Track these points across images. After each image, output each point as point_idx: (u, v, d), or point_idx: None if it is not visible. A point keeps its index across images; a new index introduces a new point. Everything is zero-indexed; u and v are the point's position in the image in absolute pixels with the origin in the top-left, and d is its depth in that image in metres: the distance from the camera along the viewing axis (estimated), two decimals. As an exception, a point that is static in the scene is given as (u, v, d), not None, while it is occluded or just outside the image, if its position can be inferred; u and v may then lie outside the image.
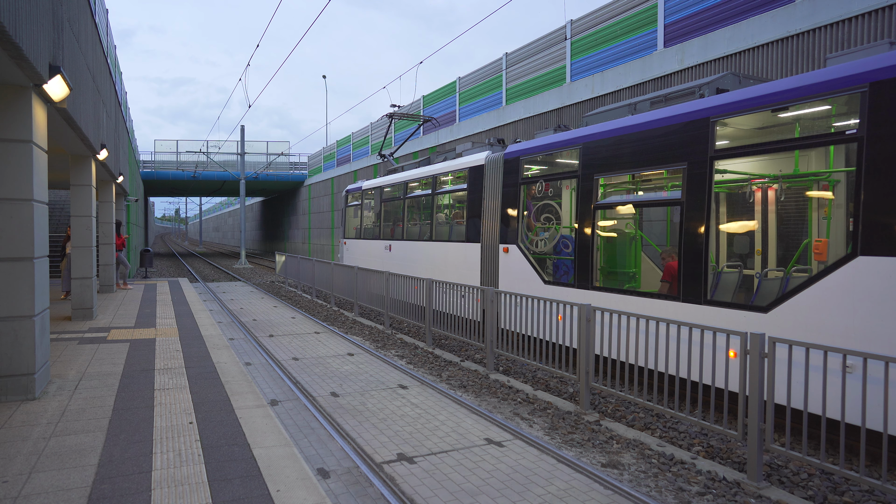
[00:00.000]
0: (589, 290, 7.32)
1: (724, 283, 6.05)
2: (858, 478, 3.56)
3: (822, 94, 4.94)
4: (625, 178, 7.45)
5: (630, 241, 7.66)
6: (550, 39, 15.33)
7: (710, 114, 5.89)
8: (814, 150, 5.61)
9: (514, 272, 8.88)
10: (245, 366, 7.24)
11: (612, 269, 7.69)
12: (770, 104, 5.36)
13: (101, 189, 13.08)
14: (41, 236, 5.23)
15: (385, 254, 13.57)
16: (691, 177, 6.04)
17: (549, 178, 8.51)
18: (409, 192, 12.60)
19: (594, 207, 7.31)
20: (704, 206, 5.87)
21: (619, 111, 7.65)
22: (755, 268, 6.14)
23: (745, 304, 5.48)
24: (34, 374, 5.01)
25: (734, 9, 10.55)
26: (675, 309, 6.11)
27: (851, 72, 4.75)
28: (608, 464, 4.45)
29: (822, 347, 3.78)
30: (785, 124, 5.75)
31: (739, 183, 6.40)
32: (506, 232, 9.15)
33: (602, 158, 7.26)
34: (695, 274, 5.92)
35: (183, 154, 38.45)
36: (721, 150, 5.84)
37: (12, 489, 3.29)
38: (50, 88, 5.05)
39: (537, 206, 8.71)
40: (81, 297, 9.31)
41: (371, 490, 3.83)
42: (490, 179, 9.63)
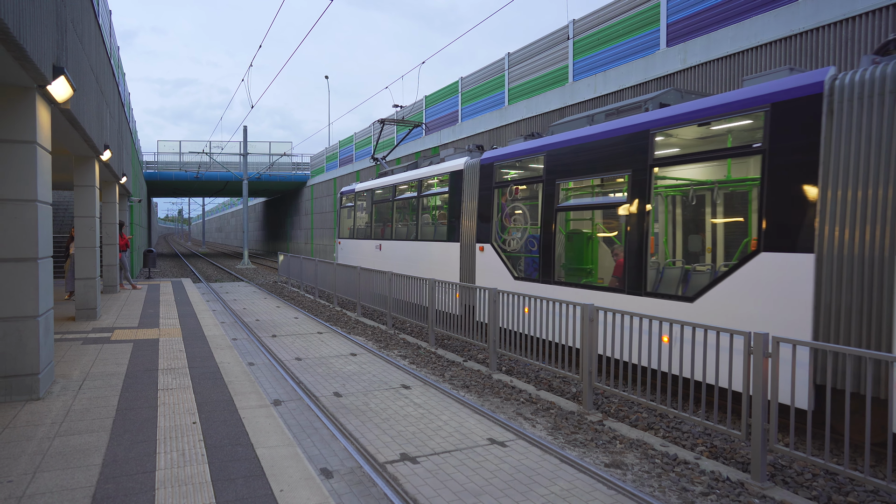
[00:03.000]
0: (552, 284, 8.10)
1: (660, 277, 6.71)
2: (863, 478, 3.55)
3: (735, 112, 5.71)
4: (582, 183, 8.15)
5: (587, 240, 8.36)
6: (553, 39, 15.32)
7: (649, 126, 6.66)
8: (730, 160, 6.30)
9: (489, 269, 9.60)
10: (248, 366, 7.26)
11: (571, 266, 8.32)
12: (696, 119, 6.13)
13: (104, 190, 13.11)
14: (45, 237, 5.25)
15: (376, 253, 14.25)
16: (634, 182, 6.81)
17: (518, 183, 9.19)
18: (397, 194, 13.31)
19: (556, 209, 8.14)
20: (645, 209, 6.65)
21: (579, 122, 8.33)
22: (685, 263, 6.80)
23: (676, 295, 6.20)
24: (38, 375, 5.02)
25: (737, 8, 10.52)
26: (622, 300, 6.82)
27: (757, 94, 5.51)
28: (611, 464, 4.44)
29: (825, 347, 3.77)
30: (707, 137, 6.39)
31: (673, 188, 7.08)
32: (481, 232, 9.87)
33: (563, 165, 8.04)
34: (637, 269, 6.68)
35: (186, 155, 38.54)
36: (658, 158, 6.61)
37: (17, 489, 3.30)
38: (53, 89, 5.06)
39: (509, 208, 9.40)
40: (85, 298, 9.34)
41: (374, 490, 3.83)
42: (468, 183, 10.34)
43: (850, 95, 4.80)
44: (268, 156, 39.59)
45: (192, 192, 51.64)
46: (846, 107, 4.83)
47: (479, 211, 9.94)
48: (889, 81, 4.57)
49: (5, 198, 4.91)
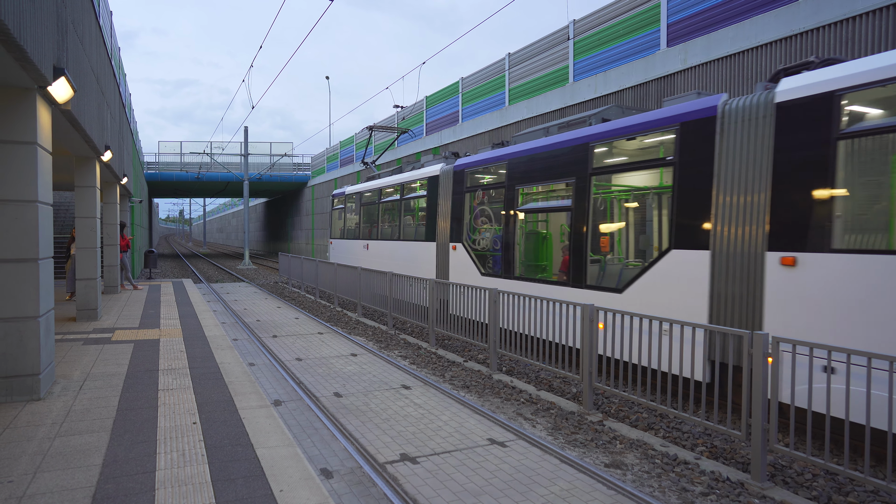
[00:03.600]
0: (512, 279, 8.97)
1: (597, 272, 7.63)
2: (863, 478, 3.55)
3: (653, 129, 6.66)
4: (537, 188, 8.96)
5: (542, 239, 9.24)
6: (553, 39, 15.32)
7: (588, 140, 7.60)
8: (651, 170, 7.26)
9: (460, 266, 10.52)
10: (248, 366, 7.26)
11: (529, 263, 9.18)
12: (625, 135, 7.06)
13: (105, 190, 13.12)
14: (46, 237, 5.26)
15: (363, 252, 15.18)
16: (577, 189, 7.70)
17: (485, 188, 10.16)
18: (382, 197, 14.23)
19: (515, 211, 9.05)
20: (585, 212, 7.55)
21: (537, 133, 9.22)
22: (616, 260, 7.70)
23: (609, 287, 7.18)
24: (39, 375, 5.03)
25: (737, 8, 10.52)
26: (568, 292, 7.71)
27: (670, 114, 6.45)
28: (611, 464, 4.44)
29: (826, 347, 3.77)
30: (634, 150, 7.28)
31: (607, 194, 7.98)
32: (454, 232, 10.76)
33: (521, 172, 8.94)
34: (579, 265, 7.61)
35: (187, 155, 38.57)
36: (596, 168, 7.55)
37: (17, 489, 3.31)
38: (54, 90, 5.07)
39: (477, 210, 10.30)
40: (86, 298, 9.35)
41: (374, 490, 3.83)
42: (443, 188, 11.22)
43: (735, 118, 5.79)
44: (268, 156, 39.61)
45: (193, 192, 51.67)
46: (731, 128, 5.81)
47: (453, 213, 10.82)
48: (760, 108, 5.57)
49: (6, 198, 4.92)
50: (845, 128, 4.93)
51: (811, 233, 5.05)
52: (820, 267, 4.93)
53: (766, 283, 5.33)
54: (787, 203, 5.28)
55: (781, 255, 5.23)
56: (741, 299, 5.58)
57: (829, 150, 4.99)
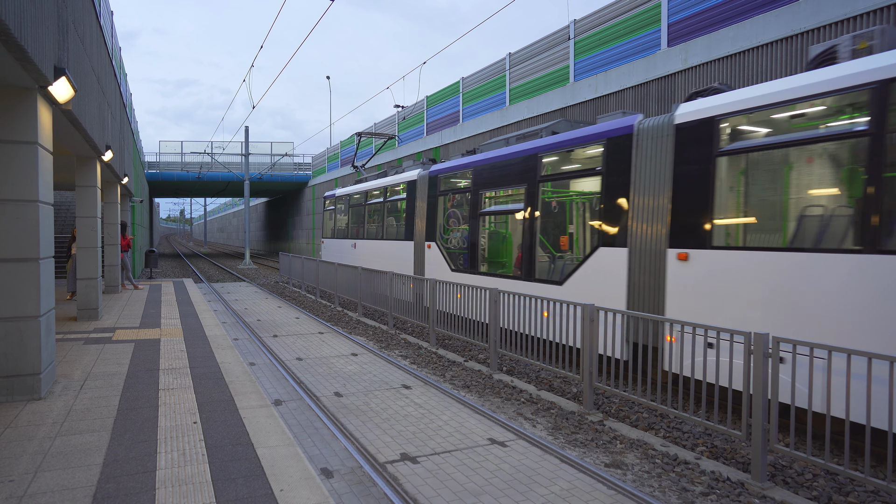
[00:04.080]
0: (476, 275, 9.99)
1: (543, 267, 8.58)
2: (863, 478, 3.55)
3: (586, 143, 7.74)
4: (497, 193, 9.94)
5: (501, 238, 10.14)
6: (554, 39, 15.31)
7: (537, 151, 8.66)
8: (584, 178, 8.24)
9: (434, 263, 11.52)
10: (249, 366, 7.27)
11: (490, 260, 10.13)
12: (565, 147, 8.17)
13: (106, 190, 13.13)
14: (46, 237, 5.26)
15: (352, 250, 16.33)
16: (528, 194, 8.74)
17: (454, 192, 11.15)
18: (368, 199, 15.31)
19: (479, 214, 10.10)
20: (535, 215, 8.58)
21: (500, 143, 10.26)
22: (558, 256, 8.60)
23: (552, 280, 8.15)
24: (40, 374, 5.04)
25: (738, 7, 10.51)
26: (521, 285, 8.70)
27: (599, 131, 7.51)
28: (612, 464, 4.44)
29: (826, 347, 3.77)
30: (572, 161, 8.36)
31: (552, 199, 8.83)
32: (429, 232, 11.77)
33: (484, 178, 9.98)
34: (529, 261, 8.63)
35: (187, 155, 38.58)
36: (543, 176, 8.60)
37: (18, 488, 3.32)
38: (55, 90, 5.07)
39: (448, 212, 11.38)
40: (87, 298, 9.36)
41: (374, 490, 3.83)
42: (420, 191, 12.25)
43: (646, 136, 6.79)
44: (269, 156, 39.62)
45: (193, 192, 51.69)
46: (644, 143, 6.80)
47: (428, 214, 11.86)
48: (664, 128, 6.50)
49: (7, 198, 4.92)
50: (722, 146, 5.97)
51: (698, 233, 6.08)
52: (704, 261, 6.00)
53: (668, 275, 6.36)
54: (681, 209, 6.31)
55: (678, 252, 6.28)
56: (650, 288, 6.65)
57: (711, 164, 6.03)
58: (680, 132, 6.36)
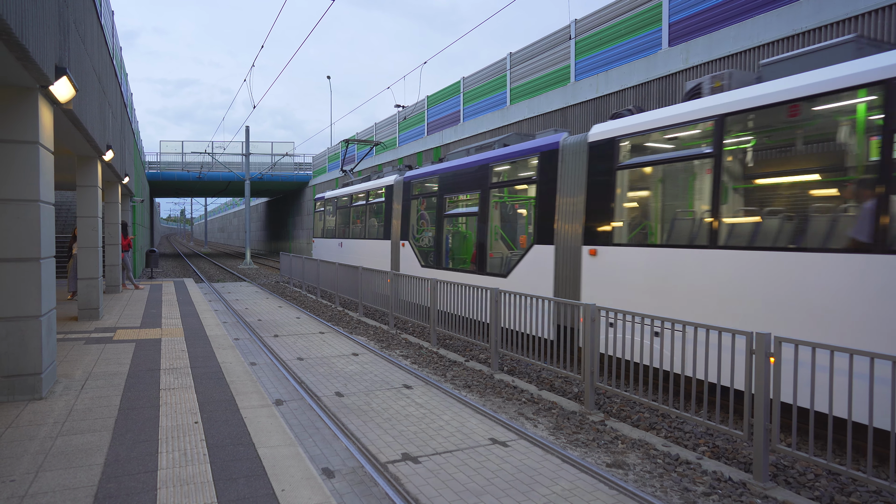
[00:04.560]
0: (441, 269, 11.29)
1: (494, 262, 9.88)
2: (866, 478, 3.54)
3: (524, 156, 9.06)
4: (458, 198, 11.13)
5: (462, 238, 11.31)
6: (555, 39, 15.30)
7: (488, 161, 9.99)
8: (524, 185, 9.40)
9: (407, 260, 12.74)
10: (250, 366, 7.26)
11: (453, 256, 11.38)
12: (507, 159, 9.50)
13: (106, 190, 13.13)
14: (48, 237, 5.26)
15: (338, 249, 17.64)
16: (481, 199, 10.04)
17: (424, 196, 12.41)
18: (352, 202, 16.67)
19: (444, 216, 11.36)
20: (487, 217, 9.91)
21: (461, 153, 11.55)
22: (504, 252, 9.94)
23: (499, 274, 9.37)
24: (41, 374, 5.04)
25: (739, 7, 10.50)
26: (475, 278, 9.93)
27: (535, 146, 8.77)
28: (613, 464, 4.43)
29: (829, 347, 3.76)
30: (514, 171, 9.63)
31: (499, 203, 10.16)
32: (403, 232, 13.06)
33: (447, 184, 11.27)
34: (483, 257, 9.94)
35: (188, 155, 38.58)
36: (493, 183, 9.93)
37: (20, 488, 3.31)
38: (56, 90, 5.07)
39: (418, 214, 12.58)
40: (88, 298, 9.36)
41: (376, 490, 3.83)
42: (396, 195, 13.58)
43: (569, 151, 8.05)
44: (270, 156, 39.62)
45: (194, 192, 51.69)
46: (567, 157, 8.05)
47: (402, 216, 13.12)
48: (581, 145, 7.84)
49: (8, 198, 4.92)
50: (620, 162, 7.19)
51: (603, 233, 7.36)
52: (608, 255, 7.27)
53: (582, 268, 7.65)
54: (591, 212, 7.56)
55: (590, 248, 7.55)
56: (571, 279, 7.91)
57: (612, 176, 7.27)
58: (591, 149, 7.64)
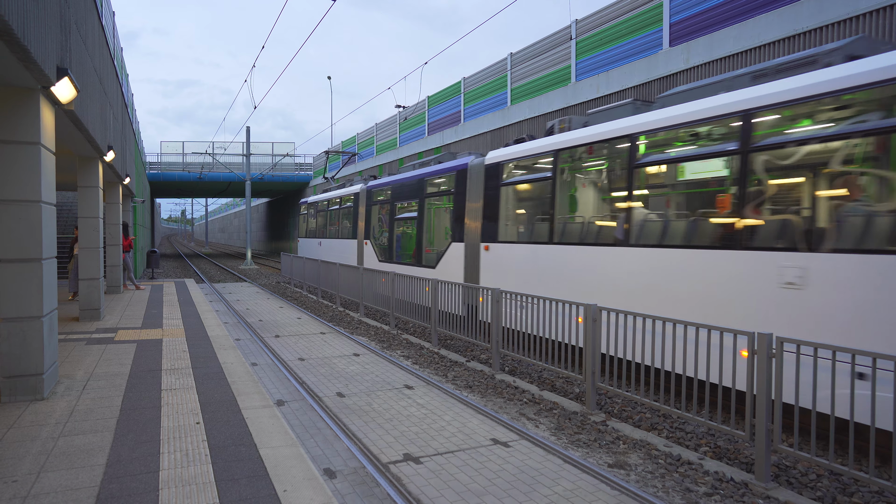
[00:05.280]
0: (393, 263, 13.63)
1: (427, 257, 12.13)
2: (868, 479, 3.54)
3: (444, 173, 11.57)
4: (405, 204, 13.42)
5: (408, 237, 13.32)
6: (555, 39, 15.30)
7: (423, 176, 12.50)
8: (446, 196, 11.68)
9: (368, 256, 15.47)
10: (251, 366, 7.26)
11: (401, 252, 13.63)
12: (434, 175, 12.01)
13: (108, 190, 13.14)
14: (49, 237, 5.26)
15: (318, 247, 20.26)
16: (420, 206, 12.52)
17: (380, 203, 14.83)
18: (329, 206, 19.35)
19: (394, 219, 13.84)
20: (423, 220, 12.36)
21: (412, 167, 13.79)
22: (433, 248, 12.11)
23: (429, 265, 11.82)
24: (43, 375, 5.04)
25: (740, 7, 10.49)
26: (416, 270, 12.25)
27: (452, 165, 11.24)
28: (615, 464, 4.43)
29: (831, 347, 3.76)
30: (440, 184, 12.02)
31: (430, 209, 12.36)
32: (365, 232, 15.80)
33: (396, 193, 13.78)
34: (419, 253, 12.44)
35: (189, 155, 38.59)
36: (426, 193, 12.37)
37: (22, 488, 3.31)
38: (58, 90, 5.08)
39: (377, 216, 15.13)
40: (89, 298, 9.36)
41: (377, 490, 3.83)
42: (360, 201, 16.23)
43: (473, 170, 10.53)
44: (270, 156, 39.62)
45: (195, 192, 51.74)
46: (472, 175, 10.53)
47: (365, 219, 15.80)
48: (481, 166, 10.26)
49: (10, 198, 4.93)
50: (503, 180, 9.59)
51: (492, 233, 9.78)
52: (496, 250, 9.67)
53: (481, 259, 10.09)
54: (486, 217, 10.00)
55: (484, 245, 9.97)
56: (474, 268, 10.40)
57: (497, 191, 9.70)
58: (487, 170, 10.10)
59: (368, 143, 29.43)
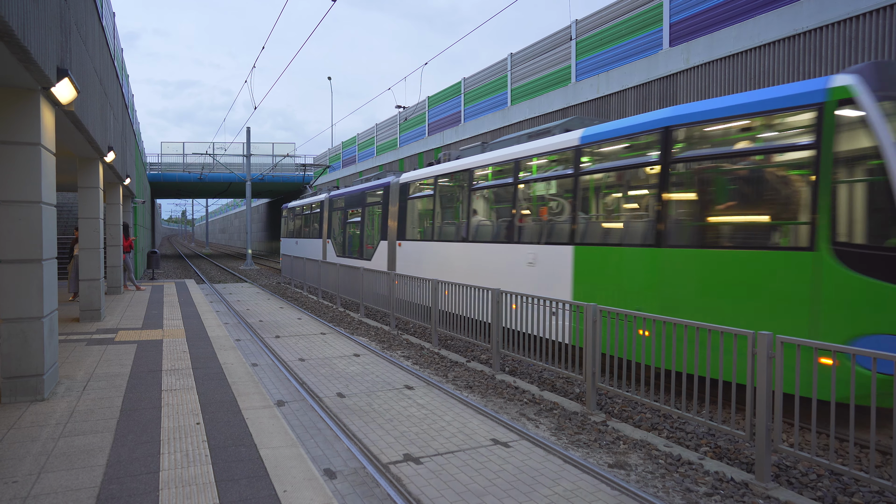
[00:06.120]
0: (345, 257, 16.95)
1: (367, 251, 15.23)
2: (868, 478, 3.54)
3: (376, 189, 14.74)
4: (352, 211, 16.82)
5: (356, 236, 16.55)
6: (555, 39, 15.30)
7: (364, 190, 15.59)
8: (379, 205, 14.49)
9: (329, 252, 18.81)
10: (252, 367, 7.27)
11: (349, 248, 17.09)
12: (370, 190, 15.10)
13: (108, 191, 13.15)
14: (49, 238, 5.26)
15: (295, 246, 23.82)
16: (361, 212, 15.70)
17: (338, 209, 18.17)
18: (303, 211, 22.93)
19: (346, 222, 17.31)
20: (363, 224, 15.57)
21: (358, 182, 17.30)
22: (371, 245, 14.99)
23: (367, 258, 14.89)
24: (43, 376, 5.04)
25: (740, 7, 10.49)
26: (356, 262, 15.23)
27: (382, 182, 14.43)
28: (615, 464, 4.43)
29: (831, 348, 3.76)
30: (375, 196, 14.84)
31: (370, 215, 15.35)
32: (328, 233, 19.23)
33: (347, 202, 17.11)
34: (361, 249, 15.69)
35: (189, 156, 38.60)
36: (366, 203, 15.31)
37: (22, 489, 3.32)
38: (58, 91, 5.08)
39: (335, 220, 18.47)
40: (89, 299, 9.37)
41: (377, 490, 3.83)
42: (324, 208, 19.64)
43: (393, 187, 13.57)
44: (271, 157, 39.63)
45: (195, 193, 51.73)
46: (391, 191, 13.62)
47: (328, 222, 19.29)
48: (398, 184, 13.37)
49: (10, 199, 4.93)
50: (410, 195, 12.62)
51: (403, 233, 12.89)
52: (406, 246, 12.72)
53: (397, 253, 13.16)
54: (399, 222, 13.11)
55: (398, 241, 13.09)
56: (392, 260, 13.39)
57: (406, 203, 12.88)
58: (400, 186, 13.31)
59: (369, 144, 29.43)
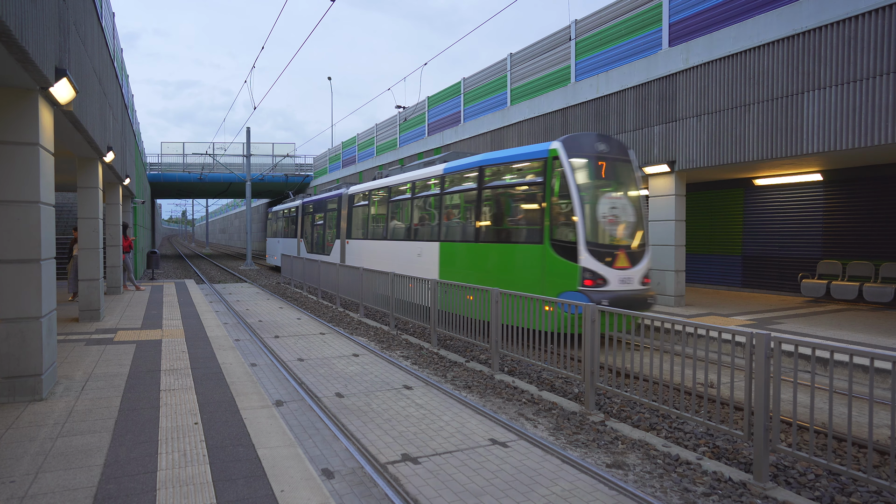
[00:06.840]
0: (313, 254, 20.82)
1: (328, 248, 19.12)
2: (866, 478, 3.54)
3: (335, 198, 18.98)
4: (319, 215, 20.24)
5: (321, 236, 19.98)
6: (555, 40, 15.30)
7: (325, 198, 20.10)
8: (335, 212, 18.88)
9: (302, 249, 22.54)
10: (250, 367, 7.27)
11: (318, 246, 20.45)
12: (329, 198, 19.58)
13: (107, 191, 13.15)
14: (48, 238, 5.27)
15: (276, 243, 28.14)
16: (324, 216, 20.11)
17: (308, 213, 21.93)
18: (284, 214, 26.91)
19: (314, 224, 21.28)
20: (325, 225, 19.92)
21: (324, 190, 20.83)
22: (331, 242, 18.88)
23: (327, 254, 19.18)
24: (41, 375, 5.04)
25: (739, 7, 10.49)
26: (322, 257, 19.27)
27: (337, 192, 18.84)
28: (613, 464, 4.43)
29: (829, 348, 3.76)
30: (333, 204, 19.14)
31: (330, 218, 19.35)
32: (301, 233, 23.15)
33: (315, 207, 21.16)
34: (324, 245, 19.86)
35: (189, 156, 38.60)
36: (328, 209, 19.61)
37: (19, 489, 3.32)
38: (56, 91, 5.08)
39: (307, 222, 22.02)
40: (88, 299, 9.37)
41: (375, 490, 3.83)
42: (299, 211, 23.46)
43: (344, 196, 17.83)
44: (271, 157, 39.63)
45: (195, 193, 51.71)
46: (342, 200, 17.98)
47: (301, 223, 23.01)
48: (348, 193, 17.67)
49: (8, 199, 4.93)
50: (354, 203, 16.96)
51: (350, 234, 17.25)
52: (352, 244, 16.86)
53: (345, 249, 17.29)
54: (348, 224, 17.44)
55: (346, 240, 17.37)
56: (343, 255, 17.70)
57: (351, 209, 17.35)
58: (349, 196, 17.19)
59: (369, 144, 29.44)
